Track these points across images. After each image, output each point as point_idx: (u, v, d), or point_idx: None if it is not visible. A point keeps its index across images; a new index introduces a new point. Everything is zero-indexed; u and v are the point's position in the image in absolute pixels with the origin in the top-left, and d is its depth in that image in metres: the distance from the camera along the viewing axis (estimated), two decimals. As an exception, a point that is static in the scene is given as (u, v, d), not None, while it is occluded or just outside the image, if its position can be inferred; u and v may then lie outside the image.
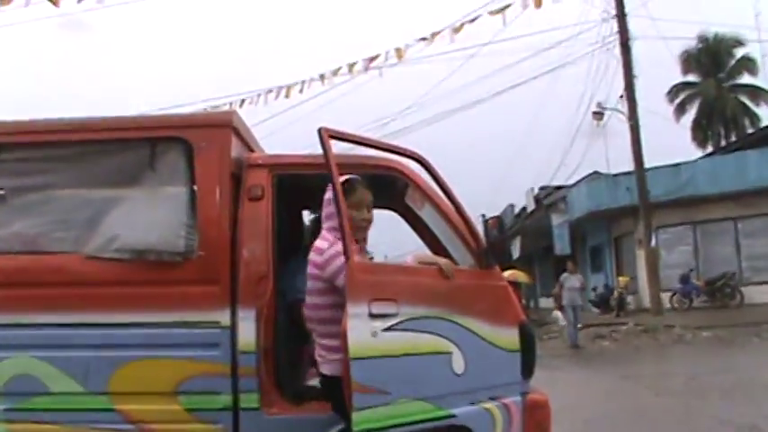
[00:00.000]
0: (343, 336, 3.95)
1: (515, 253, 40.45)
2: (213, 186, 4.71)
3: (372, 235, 4.71)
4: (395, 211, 5.65)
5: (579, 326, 19.90)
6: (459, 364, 4.35)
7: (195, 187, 4.75)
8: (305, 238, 5.30)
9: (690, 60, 42.42)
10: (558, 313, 22.63)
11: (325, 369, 4.29)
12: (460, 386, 4.38)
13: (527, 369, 4.69)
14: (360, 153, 5.10)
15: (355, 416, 3.89)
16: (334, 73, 22.39)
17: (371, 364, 4.01)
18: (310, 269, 4.33)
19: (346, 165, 4.78)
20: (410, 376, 4.19)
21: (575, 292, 20.00)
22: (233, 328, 4.59)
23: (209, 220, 4.68)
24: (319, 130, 4.32)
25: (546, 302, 37.83)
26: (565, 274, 20.56)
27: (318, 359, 4.34)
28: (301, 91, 22.77)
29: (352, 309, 3.98)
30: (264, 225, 4.76)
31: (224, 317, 4.59)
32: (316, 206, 4.93)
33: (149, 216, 4.74)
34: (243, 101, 23.26)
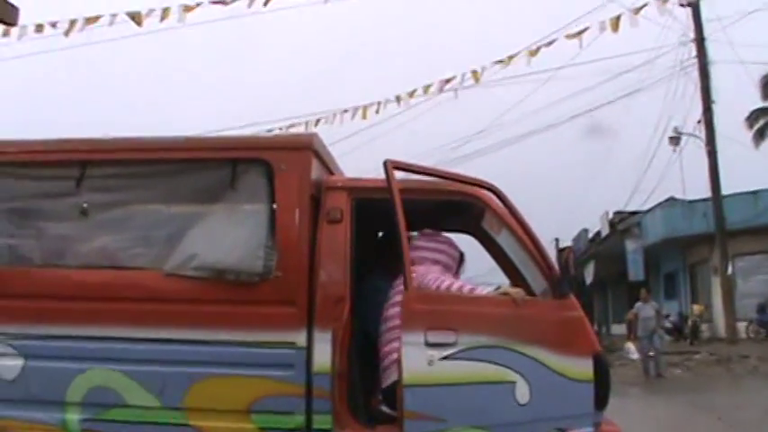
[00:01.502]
0: (398, 364, 4.13)
1: (588, 278, 40.02)
2: (293, 208, 4.75)
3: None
4: (472, 235, 5.70)
5: (651, 354, 19.54)
6: (523, 394, 4.40)
7: (275, 208, 4.80)
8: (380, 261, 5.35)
9: (770, 85, 41.54)
10: (630, 345, 22.32)
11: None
12: (524, 416, 4.42)
13: (600, 400, 4.65)
14: (451, 173, 5.21)
15: None
16: (410, 95, 22.48)
17: (426, 392, 4.23)
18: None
19: (425, 190, 5.01)
20: (469, 405, 4.32)
21: (650, 321, 19.65)
22: (308, 349, 4.61)
23: (287, 241, 4.71)
24: (385, 163, 4.55)
25: (618, 328, 37.29)
26: (639, 303, 20.26)
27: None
28: (377, 112, 22.86)
29: (407, 337, 4.27)
30: (342, 248, 4.79)
31: (300, 338, 4.61)
32: (389, 230, 5.07)
33: (229, 236, 4.80)
34: (318, 120, 23.48)
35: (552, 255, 5.09)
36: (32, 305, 4.82)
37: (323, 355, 4.60)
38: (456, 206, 5.11)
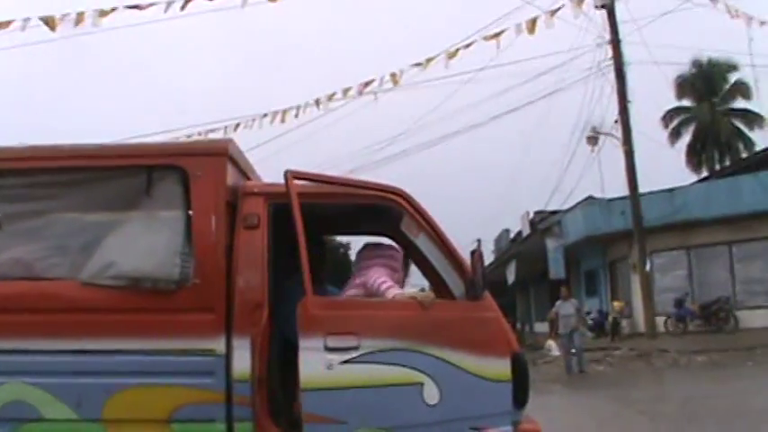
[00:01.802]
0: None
1: (510, 277, 40.42)
2: (209, 214, 4.71)
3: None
4: (391, 238, 5.71)
5: (573, 351, 19.81)
6: (432, 395, 4.45)
7: (191, 215, 4.75)
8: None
9: (684, 85, 42.54)
10: (551, 343, 22.57)
11: None
12: (434, 417, 4.47)
13: (520, 399, 4.71)
14: (356, 180, 5.20)
15: None
16: (330, 98, 22.44)
17: (325, 395, 4.33)
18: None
19: (342, 194, 5.02)
20: (372, 407, 4.39)
21: (570, 318, 19.93)
22: (228, 356, 4.57)
23: (204, 248, 4.66)
24: (285, 173, 4.59)
25: (541, 327, 37.78)
26: (559, 302, 20.60)
27: None
28: (296, 116, 22.81)
29: (305, 342, 4.37)
30: (260, 253, 4.76)
31: (219, 345, 4.56)
32: (312, 234, 5.02)
33: (145, 243, 4.73)
34: (238, 125, 23.27)
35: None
36: None
37: (242, 361, 4.57)
38: (373, 210, 5.10)
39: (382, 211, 5.09)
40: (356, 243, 6.34)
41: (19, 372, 4.57)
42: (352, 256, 6.06)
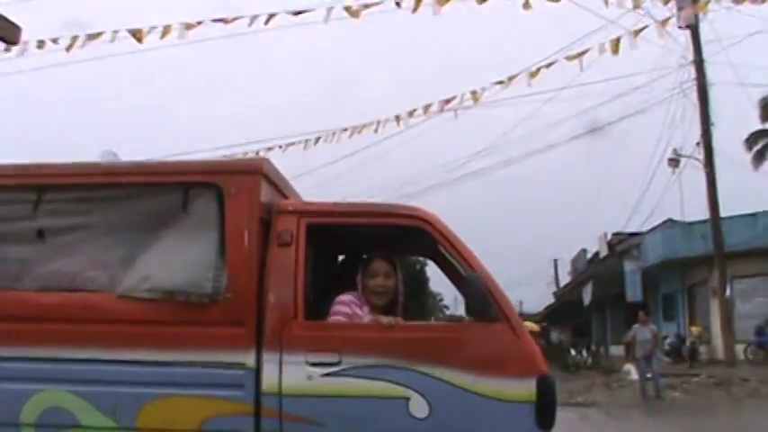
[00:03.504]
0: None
1: (586, 299, 39.98)
2: (242, 231, 4.85)
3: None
4: (432, 259, 5.90)
5: (649, 376, 19.50)
6: (419, 408, 4.64)
7: (225, 231, 4.87)
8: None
9: (769, 107, 41.60)
10: (630, 367, 22.23)
11: None
12: (423, 429, 4.63)
13: (545, 422, 4.70)
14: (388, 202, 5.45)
15: None
16: (410, 114, 22.52)
17: (306, 401, 4.66)
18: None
19: (372, 213, 5.26)
20: (352, 414, 4.66)
21: (647, 343, 19.62)
22: (258, 369, 4.71)
23: (237, 263, 4.81)
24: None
25: (616, 350, 37.24)
26: (636, 325, 20.30)
27: None
28: (376, 131, 22.93)
29: (287, 357, 4.69)
30: (292, 270, 4.87)
31: (249, 359, 4.71)
32: (347, 253, 5.16)
33: (180, 258, 4.87)
34: (318, 139, 23.53)
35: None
36: None
37: (272, 375, 4.70)
38: (406, 231, 5.19)
39: (413, 233, 5.15)
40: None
41: (58, 379, 4.76)
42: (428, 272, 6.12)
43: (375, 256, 5.23)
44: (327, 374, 4.65)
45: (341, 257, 6.26)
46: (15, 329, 4.85)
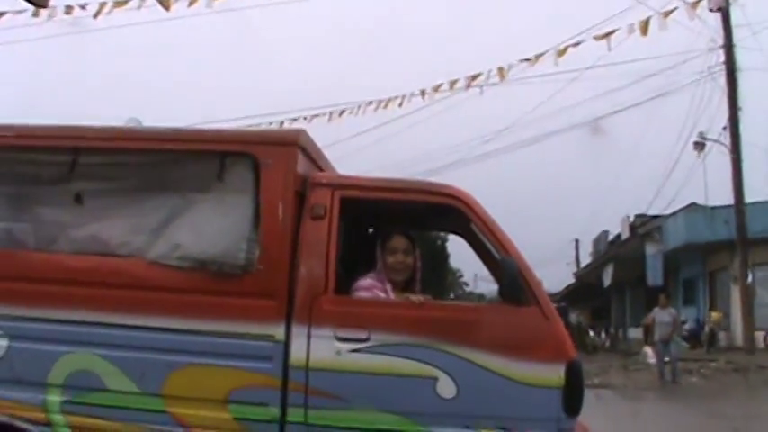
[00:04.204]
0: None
1: (607, 280, 39.86)
2: (276, 203, 4.83)
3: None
4: (462, 236, 5.88)
5: (667, 360, 19.47)
6: (447, 389, 4.64)
7: (259, 202, 4.86)
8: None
9: (799, 94, 41.13)
10: (648, 350, 22.19)
11: None
12: (450, 410, 4.64)
13: (572, 406, 4.71)
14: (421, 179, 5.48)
15: (310, 412, 4.64)
16: (436, 89, 22.47)
17: (332, 376, 4.66)
18: None
19: (407, 189, 5.20)
20: (378, 391, 4.67)
21: (667, 327, 19.60)
22: (286, 342, 4.72)
23: (270, 235, 4.80)
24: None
25: (635, 332, 37.18)
26: (656, 309, 20.29)
27: None
28: (401, 104, 22.93)
29: (315, 331, 4.69)
30: (325, 244, 4.87)
31: (278, 331, 4.72)
32: (377, 227, 5.17)
33: (213, 227, 4.88)
34: (343, 111, 23.55)
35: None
36: (21, 287, 4.91)
37: (300, 349, 4.70)
38: (440, 210, 5.19)
39: (447, 211, 5.14)
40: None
41: (87, 342, 4.79)
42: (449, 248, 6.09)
43: (394, 232, 5.22)
44: (355, 350, 4.65)
45: (371, 231, 6.22)
46: (47, 291, 4.87)
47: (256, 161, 4.90)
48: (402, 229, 5.24)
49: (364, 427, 4.64)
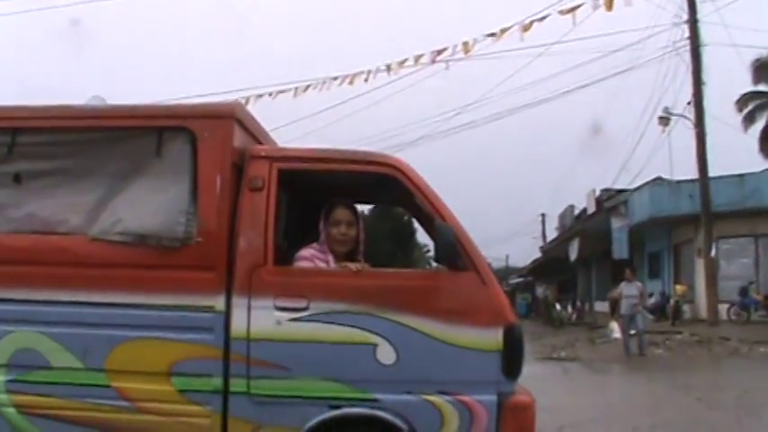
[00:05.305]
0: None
1: (573, 255, 40.16)
2: (214, 176, 4.87)
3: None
4: (405, 208, 5.81)
5: (633, 333, 19.70)
6: (387, 355, 4.70)
7: (197, 175, 4.89)
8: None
9: (761, 69, 41.35)
10: (614, 325, 22.42)
11: None
12: (390, 376, 4.70)
13: (511, 369, 4.77)
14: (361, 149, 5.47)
15: (253, 382, 4.68)
16: (401, 64, 22.44)
17: (273, 345, 4.71)
18: None
19: (345, 160, 5.19)
20: (318, 359, 4.71)
21: (633, 300, 19.82)
22: (227, 314, 4.76)
23: (208, 208, 4.84)
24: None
25: (601, 306, 37.56)
26: (623, 283, 20.48)
27: None
28: (366, 80, 22.88)
29: (255, 302, 4.73)
30: (263, 216, 4.90)
31: (219, 302, 4.76)
32: (320, 199, 5.24)
33: (152, 202, 4.90)
34: (308, 86, 23.45)
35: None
36: None
37: (241, 320, 4.75)
38: (378, 179, 5.19)
39: (386, 181, 5.15)
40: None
41: (30, 321, 4.82)
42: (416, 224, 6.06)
43: (337, 203, 5.22)
44: (295, 319, 4.71)
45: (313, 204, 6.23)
46: None
47: (193, 135, 4.92)
48: (345, 201, 5.25)
49: (307, 396, 4.70)
